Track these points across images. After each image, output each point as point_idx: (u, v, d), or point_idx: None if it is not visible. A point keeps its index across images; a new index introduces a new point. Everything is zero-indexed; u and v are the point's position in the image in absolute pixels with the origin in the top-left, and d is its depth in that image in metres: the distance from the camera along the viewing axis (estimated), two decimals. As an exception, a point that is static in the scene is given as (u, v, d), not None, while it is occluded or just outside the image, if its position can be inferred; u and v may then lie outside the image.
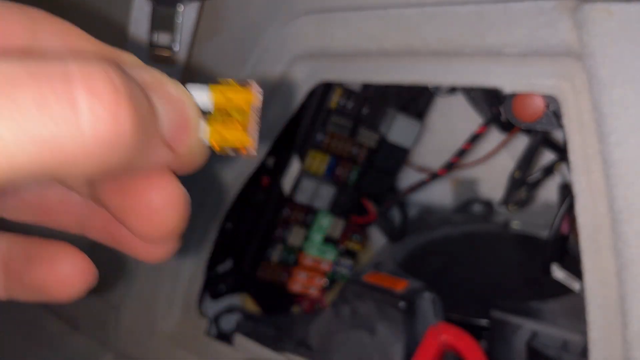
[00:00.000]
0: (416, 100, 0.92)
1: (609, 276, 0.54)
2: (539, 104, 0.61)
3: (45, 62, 0.20)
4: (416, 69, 0.65)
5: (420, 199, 1.16)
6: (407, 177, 1.10)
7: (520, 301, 0.78)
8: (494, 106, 0.73)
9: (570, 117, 0.55)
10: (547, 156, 0.87)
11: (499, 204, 0.81)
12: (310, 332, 0.83)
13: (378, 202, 0.95)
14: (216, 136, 0.27)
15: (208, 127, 0.27)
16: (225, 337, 0.89)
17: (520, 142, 0.87)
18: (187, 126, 0.25)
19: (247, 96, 0.27)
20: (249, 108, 0.27)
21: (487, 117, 0.80)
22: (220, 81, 0.28)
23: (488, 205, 1.09)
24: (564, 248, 0.83)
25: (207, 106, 0.27)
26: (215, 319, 0.91)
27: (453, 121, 1.05)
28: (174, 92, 0.25)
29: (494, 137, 0.96)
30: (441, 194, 1.15)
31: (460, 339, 0.71)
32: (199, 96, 0.27)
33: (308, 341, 0.83)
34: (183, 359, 0.84)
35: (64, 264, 0.28)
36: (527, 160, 0.74)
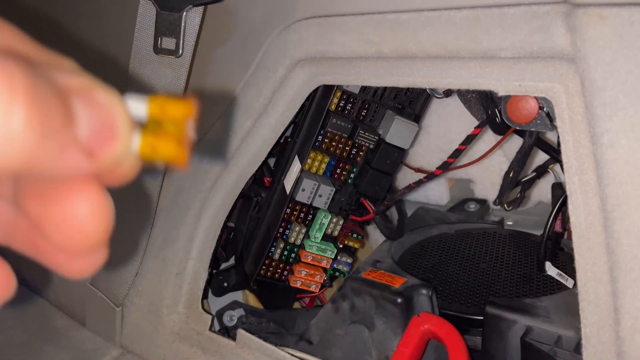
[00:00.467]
0: (413, 103, 0.93)
1: (602, 273, 0.54)
2: (532, 106, 0.62)
3: None
4: (413, 72, 0.66)
5: (418, 198, 1.17)
6: (404, 177, 1.11)
7: (514, 297, 0.79)
8: (489, 108, 0.73)
9: (563, 119, 0.55)
10: (541, 156, 0.88)
11: (494, 203, 0.82)
12: (311, 327, 0.84)
13: (376, 201, 0.95)
14: (147, 147, 0.26)
15: (140, 138, 0.26)
16: (228, 333, 0.90)
17: (515, 143, 0.87)
18: (113, 135, 0.24)
19: (182, 109, 0.27)
20: (184, 121, 0.27)
21: (482, 118, 0.80)
22: (160, 94, 0.27)
23: (483, 204, 1.10)
24: (558, 246, 0.84)
25: (142, 117, 0.26)
26: (219, 315, 0.92)
27: (449, 122, 1.06)
28: (102, 100, 0.24)
29: (489, 138, 0.96)
30: (438, 194, 1.16)
31: (442, 328, 0.72)
32: (135, 107, 0.26)
33: (308, 336, 0.84)
34: (187, 354, 0.85)
35: None
36: (521, 160, 0.74)
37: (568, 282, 0.79)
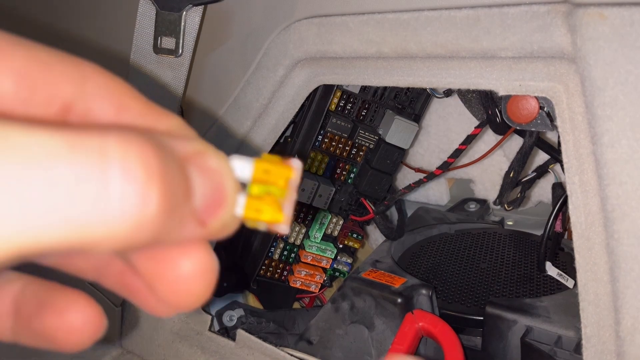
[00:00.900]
0: (413, 102, 0.93)
1: (602, 273, 0.54)
2: (533, 106, 0.62)
3: (85, 134, 0.20)
4: (413, 71, 0.66)
5: (418, 198, 1.17)
6: (404, 177, 1.11)
7: (515, 298, 0.79)
8: (489, 108, 0.73)
9: (564, 119, 0.55)
10: (541, 156, 0.88)
11: (494, 203, 0.82)
12: (311, 327, 0.84)
13: (376, 201, 0.95)
14: (251, 210, 0.26)
15: (243, 200, 0.25)
16: (227, 333, 0.90)
17: (515, 143, 0.87)
18: (222, 201, 0.24)
19: (286, 172, 0.26)
20: (287, 184, 0.26)
21: (482, 118, 0.80)
22: (263, 155, 0.26)
23: (483, 204, 1.10)
24: (558, 246, 0.84)
25: (246, 178, 0.26)
26: (218, 315, 0.92)
27: (449, 122, 1.06)
28: (214, 165, 0.24)
29: (489, 138, 0.97)
30: (438, 194, 1.16)
31: (436, 326, 0.72)
32: (240, 168, 0.26)
33: (308, 336, 0.84)
34: (187, 354, 0.84)
35: (75, 314, 0.27)
36: (522, 160, 0.74)
37: (568, 282, 0.79)
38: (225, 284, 0.97)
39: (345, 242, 0.98)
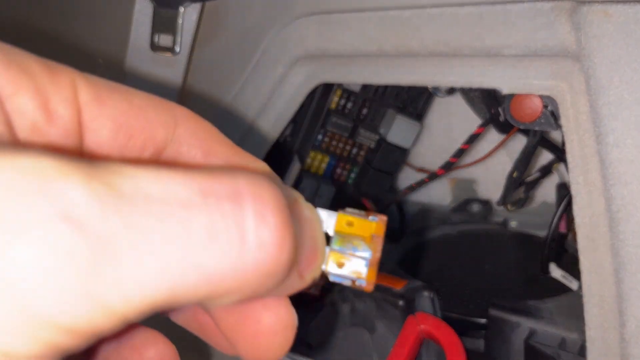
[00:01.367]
0: (415, 101, 0.93)
1: (607, 275, 0.54)
2: (537, 105, 0.61)
3: (214, 178, 0.19)
4: (415, 70, 0.66)
5: (419, 199, 1.17)
6: (406, 177, 1.11)
7: (518, 300, 0.78)
8: (493, 107, 0.73)
9: (568, 118, 0.55)
10: (545, 156, 0.87)
11: (498, 203, 0.81)
12: (311, 330, 0.84)
13: (377, 202, 0.95)
14: (334, 264, 0.25)
15: (328, 253, 0.25)
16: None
17: (518, 142, 0.87)
18: (316, 253, 0.24)
19: (370, 226, 0.26)
20: (370, 239, 0.26)
21: (485, 117, 0.80)
22: (346, 210, 0.26)
23: (486, 204, 1.09)
24: (562, 247, 0.84)
25: (329, 230, 0.25)
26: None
27: (452, 121, 1.05)
28: (308, 215, 0.24)
29: (492, 138, 0.96)
30: (440, 194, 1.16)
31: (438, 328, 0.72)
32: (324, 219, 0.25)
33: (308, 339, 0.83)
34: (186, 354, 0.84)
35: (151, 352, 0.27)
36: (525, 160, 0.74)
37: (572, 283, 0.78)
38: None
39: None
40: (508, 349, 0.72)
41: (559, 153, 0.78)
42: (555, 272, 0.79)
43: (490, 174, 1.08)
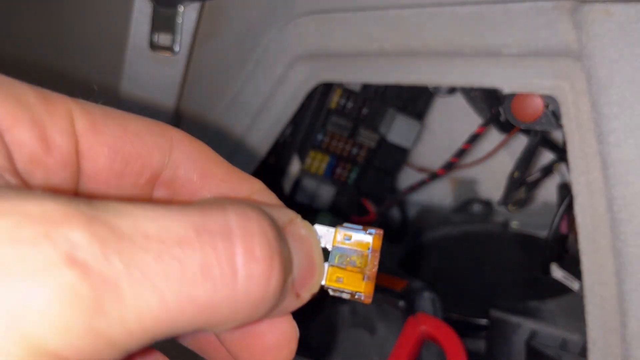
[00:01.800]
0: (416, 101, 0.92)
1: (608, 276, 0.54)
2: (538, 104, 0.61)
3: (206, 214, 0.21)
4: (416, 69, 0.65)
5: (420, 199, 1.17)
6: (406, 177, 1.10)
7: (519, 300, 0.78)
8: (494, 106, 0.73)
9: (569, 117, 0.55)
10: (546, 156, 0.87)
11: (499, 203, 0.81)
12: (311, 331, 0.84)
13: (378, 202, 0.95)
14: (333, 279, 0.26)
15: (327, 269, 0.26)
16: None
17: (520, 142, 0.87)
18: (313, 272, 0.25)
19: (367, 240, 0.27)
20: (368, 252, 0.27)
21: (486, 117, 0.80)
22: (344, 224, 0.26)
23: (487, 205, 1.09)
24: (563, 248, 0.83)
25: (328, 246, 0.26)
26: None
27: (452, 121, 1.05)
28: (305, 234, 0.25)
29: (493, 137, 0.96)
30: (441, 194, 1.15)
31: (439, 329, 0.72)
32: (322, 236, 0.26)
33: (309, 340, 0.83)
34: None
35: None
36: (526, 160, 0.74)
37: (574, 284, 0.78)
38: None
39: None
40: (509, 350, 0.72)
41: (560, 153, 0.77)
42: (557, 272, 0.79)
43: (491, 174, 1.08)
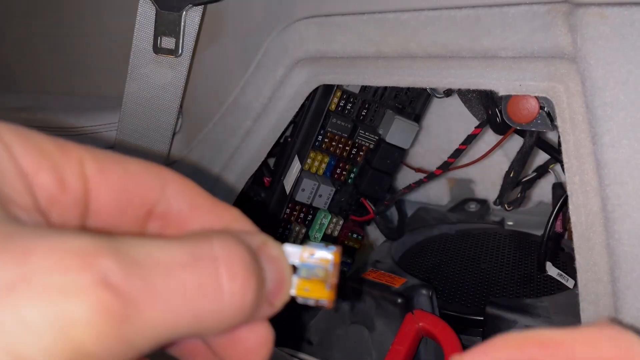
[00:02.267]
0: (414, 102, 0.93)
1: (602, 273, 0.54)
2: (533, 106, 0.62)
3: (196, 243, 0.26)
4: (413, 71, 0.66)
5: (418, 198, 1.17)
6: (404, 177, 1.11)
7: (515, 298, 0.79)
8: (490, 108, 0.73)
9: (564, 119, 0.55)
10: (542, 156, 0.87)
11: (495, 203, 0.81)
12: (311, 327, 0.84)
13: (376, 201, 0.95)
14: (301, 290, 0.30)
15: (295, 281, 0.30)
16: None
17: (515, 143, 0.87)
18: (283, 284, 0.29)
19: (329, 256, 0.31)
20: (329, 266, 0.30)
21: (482, 118, 0.80)
22: (309, 243, 0.31)
23: (484, 204, 1.09)
24: (558, 246, 0.84)
25: (296, 262, 0.30)
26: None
27: (449, 122, 1.06)
28: (275, 254, 0.29)
29: (489, 138, 0.96)
30: (438, 194, 1.16)
31: (436, 326, 0.72)
32: (291, 253, 0.30)
33: (308, 336, 0.84)
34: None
35: None
36: (522, 160, 0.74)
37: (569, 282, 0.79)
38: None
39: (346, 242, 0.98)
40: (505, 347, 0.72)
41: (555, 153, 0.78)
42: (552, 270, 0.80)
43: (488, 174, 1.09)
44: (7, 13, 1.08)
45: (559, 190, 0.81)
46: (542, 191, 1.03)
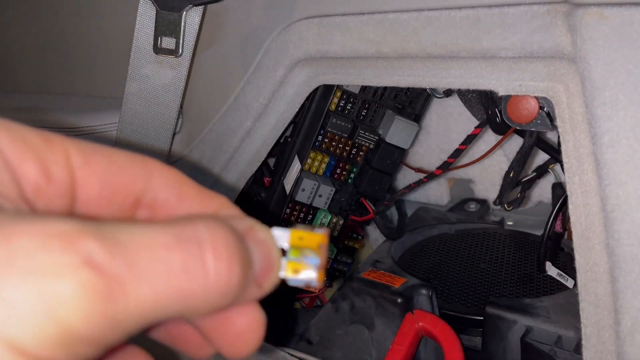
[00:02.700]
0: (413, 102, 0.93)
1: (602, 273, 0.54)
2: (533, 106, 0.62)
3: (183, 227, 0.26)
4: (413, 71, 0.66)
5: (418, 198, 1.18)
6: (404, 177, 1.11)
7: (514, 297, 0.79)
8: (489, 108, 0.73)
9: (564, 119, 0.55)
10: (541, 156, 0.87)
11: (494, 203, 0.81)
12: (311, 327, 0.84)
13: (376, 201, 0.95)
14: (290, 271, 0.31)
15: (284, 263, 0.31)
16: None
17: (515, 143, 0.87)
18: (272, 266, 0.29)
19: (316, 238, 0.31)
20: (318, 248, 0.31)
21: (482, 118, 0.80)
22: (297, 226, 0.31)
23: (483, 204, 1.10)
24: (558, 246, 0.84)
25: (285, 245, 0.31)
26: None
27: (449, 122, 1.06)
28: (262, 237, 0.29)
29: (489, 138, 0.97)
30: (438, 194, 1.16)
31: (436, 326, 0.72)
32: (279, 237, 0.31)
33: (308, 336, 0.84)
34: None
35: None
36: (522, 160, 0.74)
37: (568, 282, 0.79)
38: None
39: (346, 242, 0.98)
40: (505, 346, 0.72)
41: (555, 153, 0.78)
42: (551, 270, 0.80)
43: (487, 174, 1.09)
44: (7, 13, 1.08)
45: (559, 190, 0.81)
46: (542, 191, 1.03)
